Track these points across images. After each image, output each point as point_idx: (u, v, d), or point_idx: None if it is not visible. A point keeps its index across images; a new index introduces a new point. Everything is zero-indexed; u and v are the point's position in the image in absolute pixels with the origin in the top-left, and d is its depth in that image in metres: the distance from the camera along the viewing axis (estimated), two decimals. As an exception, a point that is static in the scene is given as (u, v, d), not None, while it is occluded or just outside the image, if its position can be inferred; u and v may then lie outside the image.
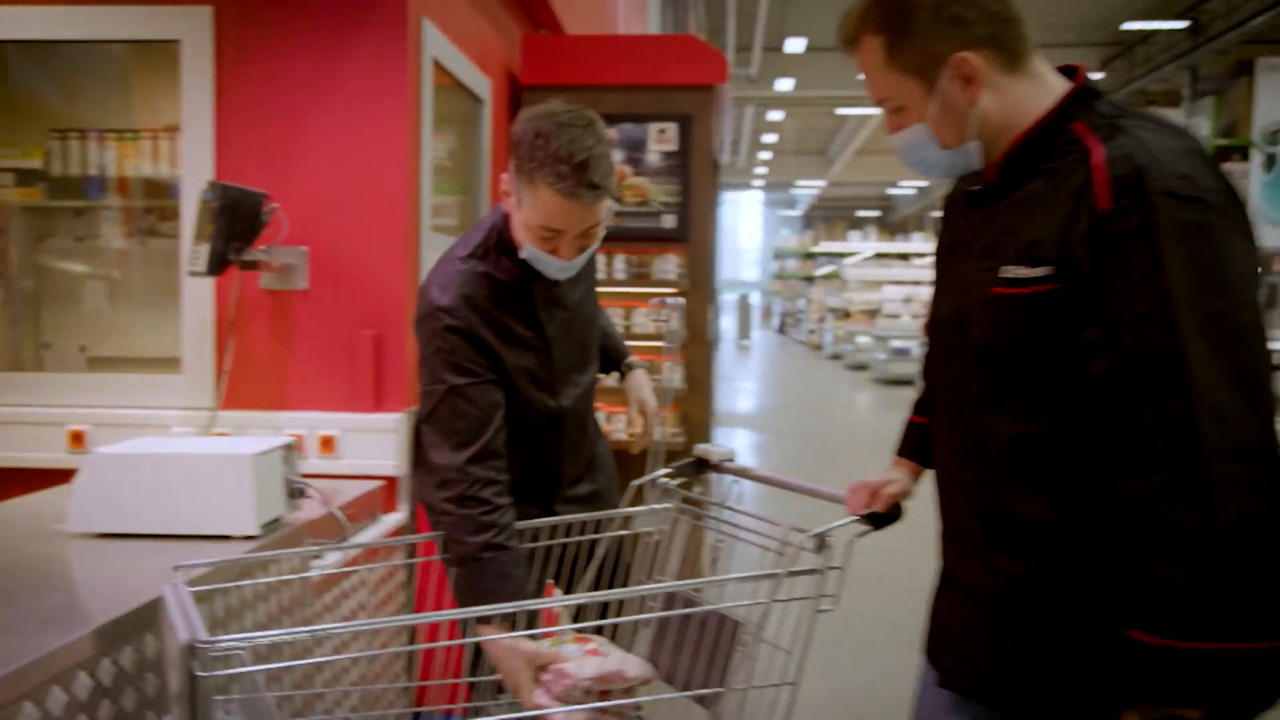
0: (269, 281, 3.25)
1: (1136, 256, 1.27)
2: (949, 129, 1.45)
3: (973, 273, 1.46)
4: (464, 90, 3.98)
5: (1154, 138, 1.32)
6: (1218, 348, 1.25)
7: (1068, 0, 17.82)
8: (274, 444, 2.38)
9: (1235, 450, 1.23)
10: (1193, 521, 1.23)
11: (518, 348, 2.17)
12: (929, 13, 1.40)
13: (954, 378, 1.52)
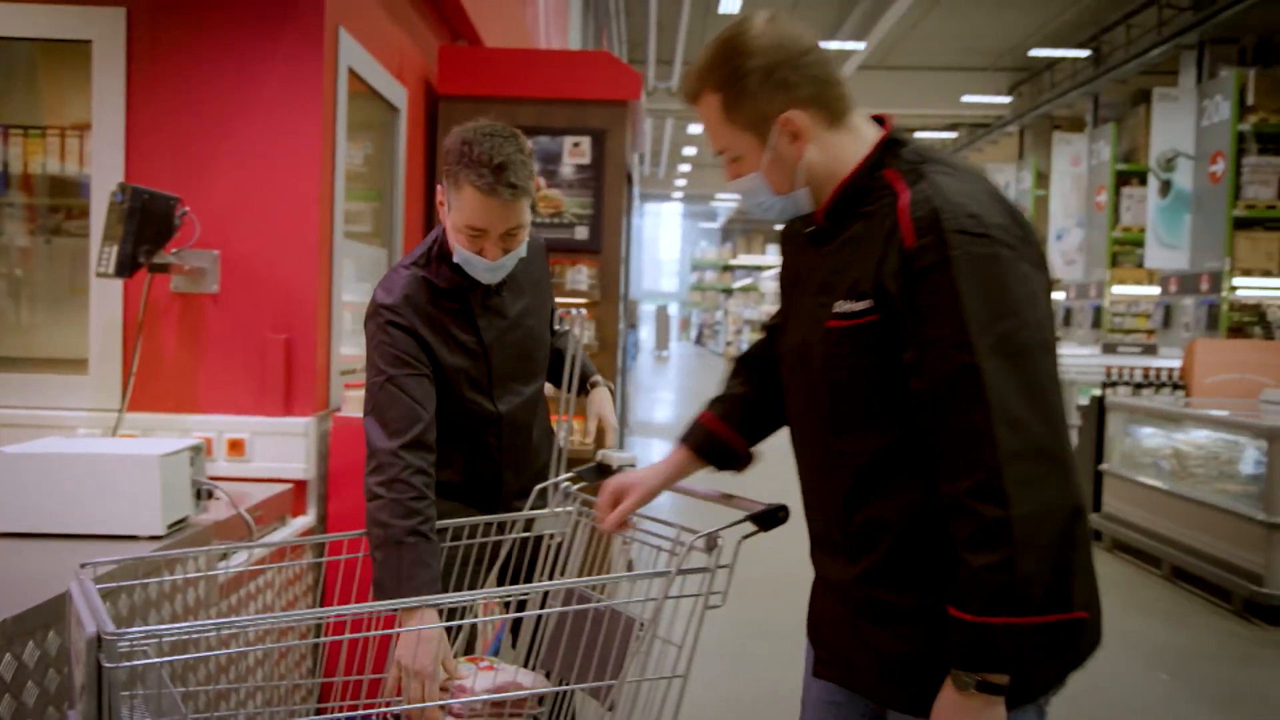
0: (180, 284, 3.26)
1: (937, 287, 1.45)
2: (780, 178, 1.63)
3: (813, 308, 1.63)
4: (380, 99, 4.02)
5: (949, 182, 1.51)
6: (1009, 364, 1.43)
7: (979, 26, 18.35)
8: (181, 445, 2.41)
9: (1027, 452, 1.41)
10: (994, 515, 1.41)
11: (456, 349, 2.31)
12: (759, 76, 1.57)
13: (804, 401, 1.69)
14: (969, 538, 1.43)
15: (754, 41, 1.58)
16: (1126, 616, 5.56)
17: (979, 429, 1.42)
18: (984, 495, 1.41)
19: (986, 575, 1.41)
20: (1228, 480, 6.05)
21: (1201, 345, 7.12)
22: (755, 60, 1.57)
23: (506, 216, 2.17)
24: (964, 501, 1.44)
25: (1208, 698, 4.35)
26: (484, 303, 2.35)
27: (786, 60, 1.57)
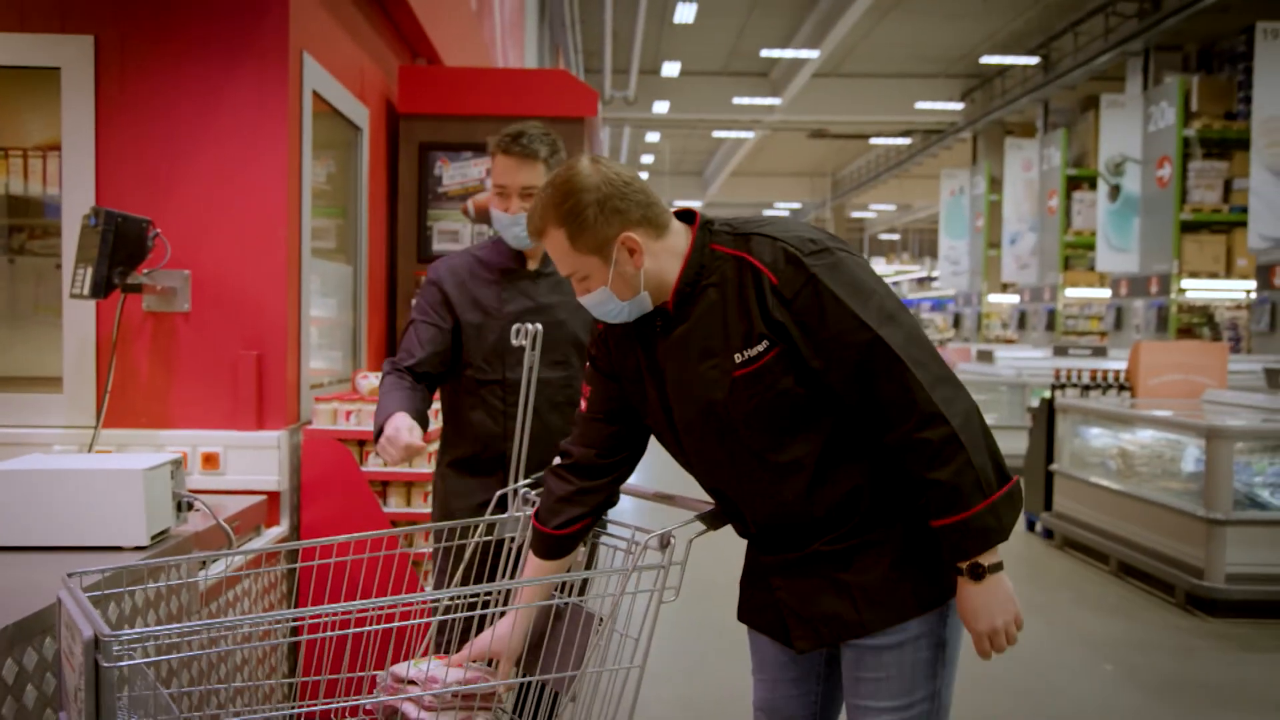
0: (151, 304, 3.35)
1: (817, 298, 1.81)
2: (624, 287, 1.91)
3: (703, 375, 1.90)
4: (342, 118, 4.13)
5: (772, 228, 1.89)
6: (893, 327, 1.81)
7: (930, 34, 18.64)
8: (162, 460, 2.51)
9: (936, 381, 1.80)
10: (942, 434, 1.78)
11: (474, 308, 2.75)
12: (595, 209, 1.86)
13: (723, 446, 1.94)
14: (929, 460, 1.79)
15: (586, 180, 1.87)
16: (1076, 611, 5.77)
17: (901, 380, 1.79)
18: (928, 424, 1.78)
19: (957, 480, 1.78)
20: (1170, 478, 6.28)
21: (1145, 348, 7.35)
22: (589, 195, 1.86)
23: (518, 173, 2.65)
24: (913, 437, 1.79)
25: (1152, 687, 4.54)
26: (516, 283, 2.76)
27: (615, 192, 1.87)
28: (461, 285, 2.78)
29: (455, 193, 4.84)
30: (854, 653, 1.97)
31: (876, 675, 1.95)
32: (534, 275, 2.79)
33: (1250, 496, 5.60)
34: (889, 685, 1.95)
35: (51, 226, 3.64)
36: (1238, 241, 14.02)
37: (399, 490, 3.58)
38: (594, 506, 2.15)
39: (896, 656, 1.94)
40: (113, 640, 1.47)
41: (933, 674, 1.97)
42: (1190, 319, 15.94)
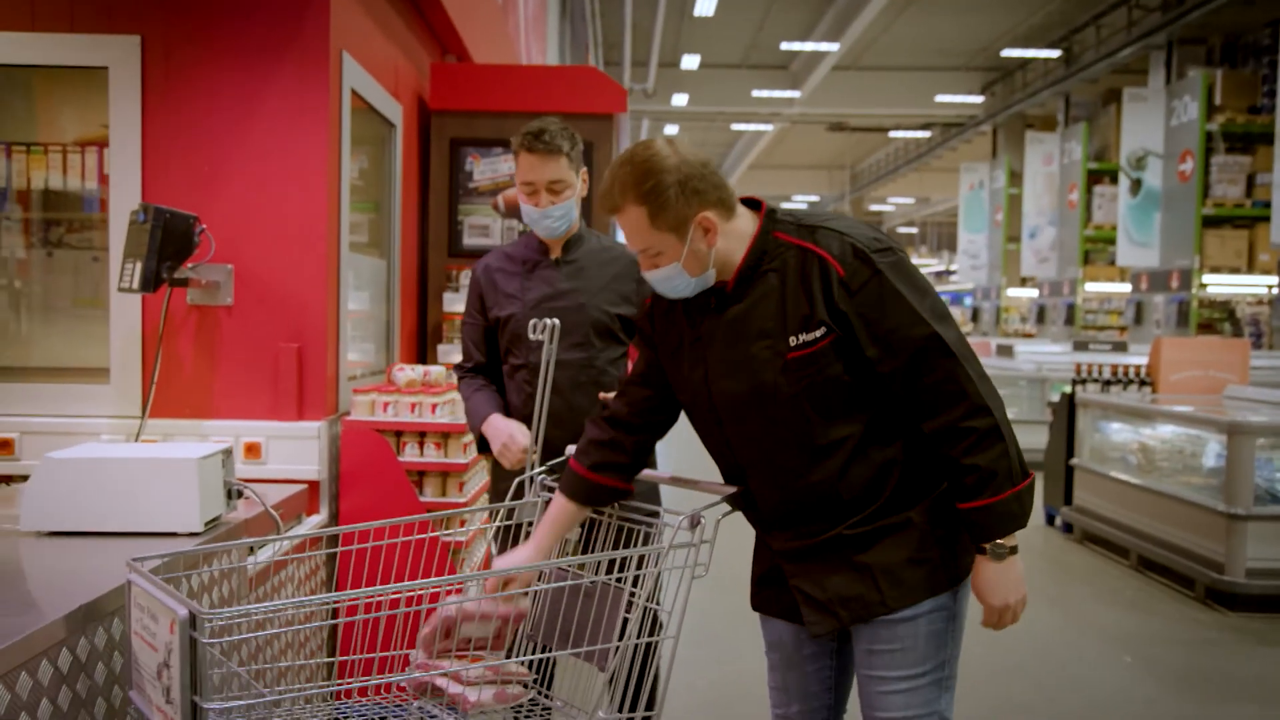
0: (195, 297, 3.44)
1: (880, 292, 1.93)
2: (695, 264, 2.01)
3: (758, 353, 2.01)
4: (377, 115, 4.21)
5: (838, 223, 2.01)
6: (945, 325, 1.96)
7: (951, 27, 18.60)
8: (214, 449, 2.60)
9: (979, 376, 1.96)
10: (986, 424, 1.94)
11: (503, 299, 2.95)
12: (676, 189, 1.95)
13: (767, 429, 2.04)
14: (971, 447, 1.94)
15: (666, 161, 1.96)
16: (1095, 605, 5.82)
17: (953, 373, 1.94)
18: (974, 414, 1.94)
19: (994, 466, 1.94)
20: (1191, 473, 6.32)
21: (1166, 344, 7.37)
22: (670, 176, 1.95)
23: (544, 169, 2.78)
24: (959, 425, 1.94)
25: (1170, 679, 4.60)
26: (539, 272, 2.94)
27: (695, 174, 1.96)
28: (492, 282, 2.99)
29: (486, 188, 4.92)
30: (869, 627, 2.07)
31: (891, 647, 2.06)
32: (555, 264, 2.95)
33: (1271, 492, 5.64)
34: (903, 656, 2.06)
35: (88, 220, 3.74)
36: (1260, 237, 13.98)
37: (435, 480, 3.66)
38: (622, 464, 2.27)
39: (911, 629, 2.05)
40: (210, 619, 1.56)
41: (944, 644, 2.09)
42: (1211, 314, 15.88)
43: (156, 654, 1.76)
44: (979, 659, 4.52)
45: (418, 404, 3.61)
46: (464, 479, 3.69)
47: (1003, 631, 2.15)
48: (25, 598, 2.04)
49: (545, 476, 2.60)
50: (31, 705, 1.75)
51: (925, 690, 2.07)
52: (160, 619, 1.73)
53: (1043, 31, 18.61)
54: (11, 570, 2.24)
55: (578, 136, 2.86)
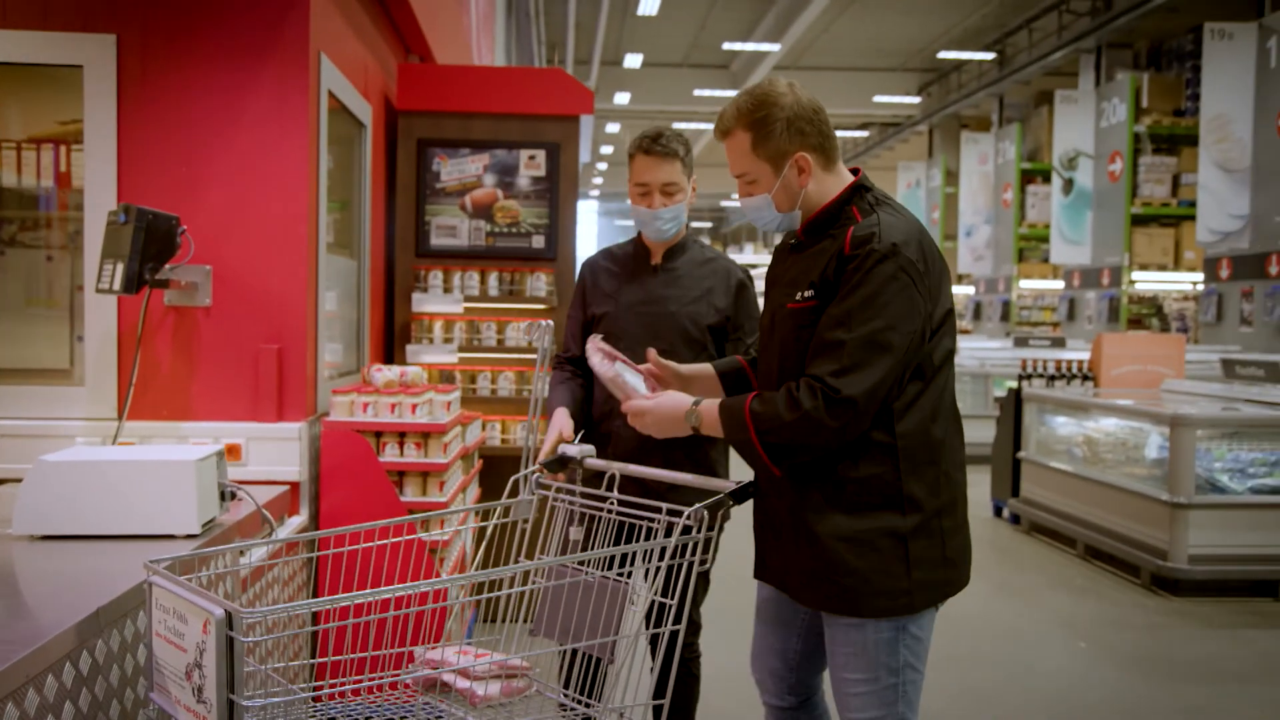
0: (173, 298, 3.42)
1: (854, 280, 2.06)
2: (784, 200, 2.18)
3: (781, 296, 2.23)
4: (349, 115, 4.21)
5: (889, 219, 2.11)
6: (867, 351, 2.04)
7: (889, 29, 18.88)
8: (209, 451, 2.60)
9: (845, 401, 2.06)
10: (811, 406, 2.08)
11: (599, 298, 3.04)
12: (783, 124, 2.12)
13: (769, 361, 2.27)
14: (795, 401, 2.11)
15: (781, 98, 2.14)
16: (1048, 593, 6.00)
17: (830, 372, 2.06)
18: (813, 397, 2.09)
19: (778, 421, 2.13)
20: (1134, 465, 6.54)
21: (1107, 339, 7.61)
22: (781, 111, 2.12)
23: (659, 171, 2.83)
24: (806, 380, 2.11)
25: (1126, 663, 4.77)
26: (637, 277, 2.99)
27: (803, 115, 2.14)
28: (595, 280, 3.07)
29: (453, 188, 4.93)
30: (831, 628, 2.21)
31: (847, 650, 2.18)
32: (654, 269, 2.99)
33: (1211, 481, 5.86)
34: (859, 660, 2.17)
35: (42, 219, 3.70)
36: (1185, 235, 14.42)
37: (415, 480, 3.68)
38: None
39: (860, 635, 2.16)
40: (245, 617, 1.58)
41: (896, 653, 2.17)
42: (1139, 310, 16.37)
43: (185, 655, 1.78)
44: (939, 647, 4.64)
45: (397, 404, 3.62)
46: (444, 478, 3.71)
47: (963, 620, 2.35)
48: (34, 603, 2.04)
49: (539, 475, 2.65)
50: (56, 707, 1.76)
51: (883, 693, 2.18)
52: (191, 620, 1.74)
53: (977, 34, 18.99)
54: (12, 576, 2.23)
55: (690, 144, 2.91)
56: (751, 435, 2.14)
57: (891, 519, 2.12)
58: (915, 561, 2.13)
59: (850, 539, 2.13)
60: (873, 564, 2.12)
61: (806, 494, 2.18)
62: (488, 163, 4.93)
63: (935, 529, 2.15)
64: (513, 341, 4.92)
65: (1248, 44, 11.97)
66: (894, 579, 2.12)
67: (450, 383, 4.81)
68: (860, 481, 2.13)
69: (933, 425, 2.16)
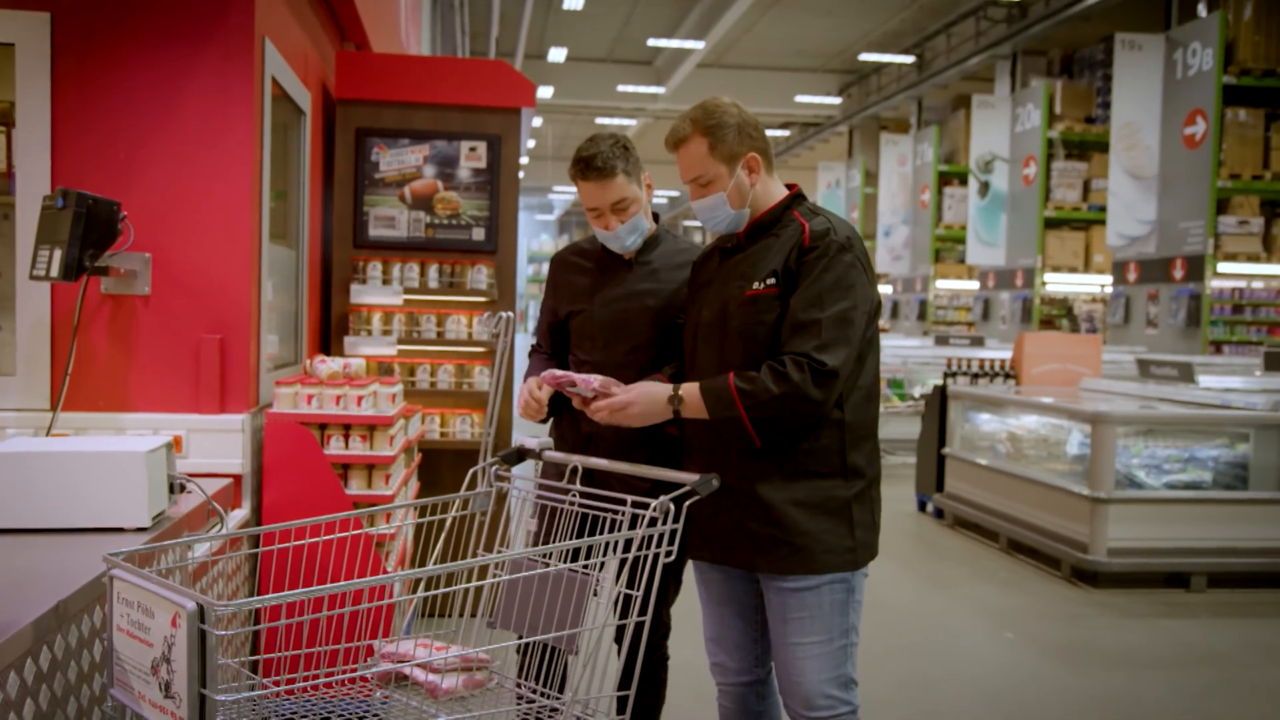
0: (110, 286, 3.32)
1: (816, 265, 2.32)
2: (737, 198, 2.45)
3: (731, 291, 2.45)
4: (290, 102, 4.13)
5: (836, 220, 2.42)
6: (837, 328, 2.29)
7: (810, 30, 19.08)
8: (159, 442, 2.54)
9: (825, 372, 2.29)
10: (796, 380, 2.30)
11: (575, 298, 2.93)
12: (735, 129, 2.42)
13: (717, 352, 2.45)
14: (779, 375, 2.32)
15: (729, 108, 2.44)
16: (974, 585, 6.15)
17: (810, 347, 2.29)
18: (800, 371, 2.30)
19: (766, 395, 2.31)
20: (1055, 460, 6.73)
21: (1028, 339, 7.82)
22: (732, 119, 2.43)
23: (604, 192, 2.74)
24: (787, 356, 2.33)
25: (1051, 651, 4.92)
26: (611, 271, 2.90)
27: (749, 123, 2.45)
28: (565, 276, 2.99)
29: (392, 179, 4.87)
30: (779, 596, 2.40)
31: (800, 615, 2.38)
32: (628, 264, 2.90)
33: (1129, 477, 6.07)
34: (812, 624, 2.38)
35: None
36: (1095, 238, 14.85)
37: (360, 473, 3.63)
38: None
39: (816, 597, 2.38)
40: (215, 609, 1.54)
41: (845, 613, 2.41)
42: (1051, 310, 16.83)
43: (150, 649, 1.73)
44: (875, 639, 4.74)
45: (342, 396, 3.57)
46: (390, 471, 3.66)
47: (897, 612, 2.54)
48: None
49: (497, 467, 2.64)
50: (18, 704, 1.70)
51: (835, 654, 2.39)
52: (158, 614, 1.70)
53: (897, 38, 19.31)
54: (-44, 570, 2.15)
55: (631, 144, 2.82)
56: (740, 409, 2.31)
57: (836, 485, 2.39)
58: (857, 523, 2.40)
59: (802, 504, 2.37)
60: (822, 525, 2.37)
61: (758, 465, 2.39)
62: (428, 154, 4.87)
63: (870, 496, 2.45)
64: (453, 334, 4.87)
65: (1156, 55, 12.33)
66: (840, 538, 2.38)
67: (389, 375, 4.75)
68: (811, 452, 2.37)
69: (868, 403, 2.45)
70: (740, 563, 2.45)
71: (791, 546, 2.37)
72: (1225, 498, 6.03)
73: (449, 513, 2.63)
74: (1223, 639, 5.17)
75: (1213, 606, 5.71)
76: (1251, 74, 11.69)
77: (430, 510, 2.65)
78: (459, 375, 4.86)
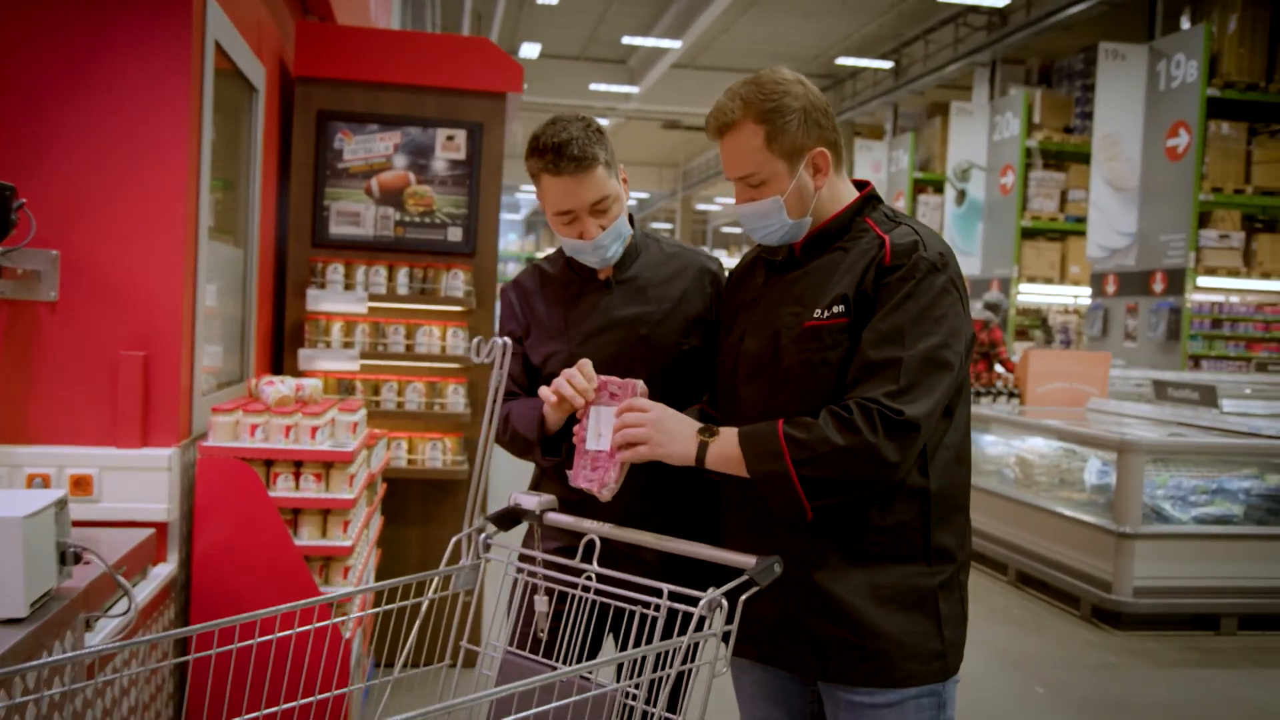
0: (6, 290, 2.71)
1: (902, 291, 1.81)
2: (796, 204, 1.90)
3: (784, 319, 1.92)
4: (240, 77, 3.53)
5: (924, 230, 1.90)
6: (925, 371, 1.78)
7: (787, 32, 18.73)
8: (45, 500, 1.94)
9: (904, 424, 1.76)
10: (859, 439, 1.77)
11: (546, 340, 2.26)
12: (799, 115, 1.86)
13: (764, 395, 1.94)
14: (845, 424, 1.79)
15: (792, 87, 1.88)
16: (987, 625, 5.64)
17: (884, 393, 1.78)
18: (869, 426, 1.78)
19: (823, 449, 1.80)
20: (1069, 488, 6.25)
21: (1034, 356, 7.36)
22: (796, 102, 1.86)
23: (581, 190, 2.13)
24: (855, 401, 1.81)
25: (1082, 707, 4.42)
26: (585, 298, 2.27)
27: (818, 107, 1.89)
28: (529, 310, 2.31)
29: (358, 169, 4.27)
30: (849, 712, 1.89)
31: None
32: (606, 285, 2.26)
33: (1155, 509, 5.59)
34: None
35: None
36: (1071, 249, 14.61)
37: (313, 520, 3.03)
38: None
39: (897, 717, 1.88)
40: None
41: None
42: (1024, 321, 16.53)
43: None
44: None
45: (293, 426, 2.98)
46: (348, 517, 3.07)
47: None
48: None
49: (488, 529, 2.08)
50: None
51: None
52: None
53: (875, 43, 18.96)
54: None
55: (604, 130, 2.21)
56: (787, 464, 1.79)
57: (918, 573, 1.88)
58: (945, 619, 1.90)
59: (875, 596, 1.86)
60: (902, 624, 1.86)
61: (815, 545, 1.87)
62: (399, 141, 4.28)
63: (959, 583, 1.95)
64: (424, 347, 4.28)
65: (1139, 65, 12.26)
66: (926, 639, 1.88)
67: (350, 394, 4.16)
68: (886, 530, 1.86)
69: (958, 467, 1.93)
70: (797, 667, 1.94)
71: (864, 651, 1.85)
72: (1259, 533, 5.57)
73: (425, 595, 2.05)
74: (1269, 694, 4.71)
75: (1249, 653, 5.25)
76: (1235, 87, 11.62)
77: (401, 593, 2.06)
78: (430, 394, 4.27)
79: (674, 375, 2.26)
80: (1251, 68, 11.69)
